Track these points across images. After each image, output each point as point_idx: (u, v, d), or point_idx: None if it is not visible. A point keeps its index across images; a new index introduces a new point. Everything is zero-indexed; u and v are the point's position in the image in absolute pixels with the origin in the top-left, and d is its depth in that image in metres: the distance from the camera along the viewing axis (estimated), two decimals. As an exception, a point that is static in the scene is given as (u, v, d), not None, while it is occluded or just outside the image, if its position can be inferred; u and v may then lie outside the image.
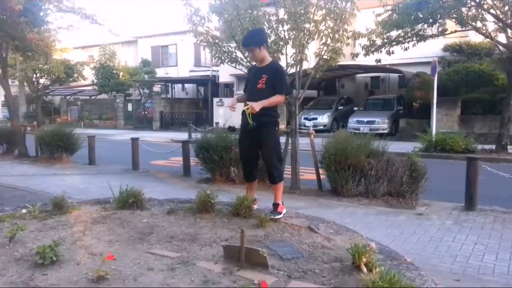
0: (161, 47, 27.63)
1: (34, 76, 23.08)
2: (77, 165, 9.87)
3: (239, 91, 22.53)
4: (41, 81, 23.81)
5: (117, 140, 17.60)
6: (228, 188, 6.80)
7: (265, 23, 6.31)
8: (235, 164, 6.97)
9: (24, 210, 3.74)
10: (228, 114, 19.44)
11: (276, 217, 3.66)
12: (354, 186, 6.03)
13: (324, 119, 18.45)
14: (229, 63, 6.78)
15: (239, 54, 6.66)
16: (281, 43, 6.62)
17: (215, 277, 2.42)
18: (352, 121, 17.08)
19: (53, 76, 22.47)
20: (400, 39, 12.56)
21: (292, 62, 6.70)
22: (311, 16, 6.40)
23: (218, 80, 21.52)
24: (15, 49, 9.03)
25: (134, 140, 9.17)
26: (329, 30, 6.59)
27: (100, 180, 7.64)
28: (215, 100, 20.41)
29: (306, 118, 18.64)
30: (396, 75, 20.57)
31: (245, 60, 6.64)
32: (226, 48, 6.57)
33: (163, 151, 10.01)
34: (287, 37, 6.52)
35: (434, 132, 12.00)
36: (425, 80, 15.71)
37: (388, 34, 12.54)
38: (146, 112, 23.37)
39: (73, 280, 2.42)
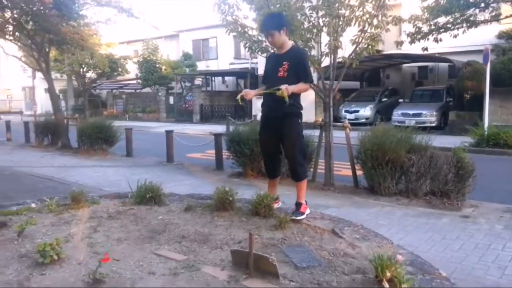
0: (202, 41, 27.77)
1: (81, 70, 23.96)
2: (115, 157, 10.00)
3: (279, 83, 22.18)
4: (88, 75, 24.69)
5: (157, 133, 17.82)
6: (259, 183, 6.55)
7: (297, 9, 5.95)
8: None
9: (33, 204, 3.67)
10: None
11: (298, 218, 3.37)
12: (393, 184, 5.58)
13: (366, 111, 17.72)
14: (259, 53, 6.49)
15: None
16: (315, 30, 6.24)
17: (219, 286, 2.18)
18: (396, 114, 16.25)
19: (99, 70, 23.16)
20: (448, 25, 11.73)
21: (327, 50, 6.29)
22: (347, 1, 5.99)
23: (257, 72, 21.26)
24: (50, 43, 9.25)
25: (169, 133, 9.13)
26: (367, 16, 6.14)
27: (133, 173, 7.64)
28: (254, 92, 20.19)
29: (347, 111, 18.02)
30: (445, 64, 19.38)
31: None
32: (256, 37, 6.28)
33: (200, 143, 9.93)
34: (321, 24, 6.14)
35: (486, 125, 11.09)
36: (477, 70, 14.59)
37: (436, 21, 11.74)
38: (187, 105, 23.59)
39: (69, 281, 2.27)
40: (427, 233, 4.16)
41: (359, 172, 6.16)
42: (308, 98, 16.55)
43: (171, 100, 24.62)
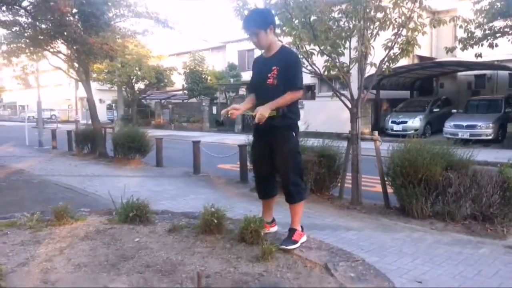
0: (247, 51, 27.72)
1: (131, 81, 24.76)
2: (146, 166, 9.94)
3: (321, 93, 21.47)
4: (137, 86, 25.47)
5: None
6: (280, 198, 6.04)
7: (321, 12, 5.47)
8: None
9: (22, 218, 3.44)
10: (308, 117, 18.59)
11: (288, 247, 2.86)
12: (426, 205, 4.89)
13: (415, 122, 16.58)
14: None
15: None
16: (344, 34, 5.72)
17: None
18: (448, 125, 15.02)
19: (146, 81, 23.78)
20: (506, 29, 10.59)
21: (356, 56, 5.72)
22: (379, 3, 5.43)
23: (299, 81, 20.72)
24: (78, 53, 9.42)
25: (195, 144, 8.91)
26: (402, 18, 5.52)
27: (155, 184, 7.47)
28: (295, 102, 19.65)
29: (394, 122, 17.00)
30: (505, 72, 17.79)
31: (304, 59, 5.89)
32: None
33: (231, 153, 9.61)
34: (351, 28, 5.59)
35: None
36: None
37: (491, 24, 10.66)
38: (229, 115, 23.44)
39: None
40: (458, 266, 3.49)
41: (390, 190, 5.51)
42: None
43: (214, 110, 24.71)
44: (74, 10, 8.10)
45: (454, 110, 16.82)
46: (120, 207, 3.54)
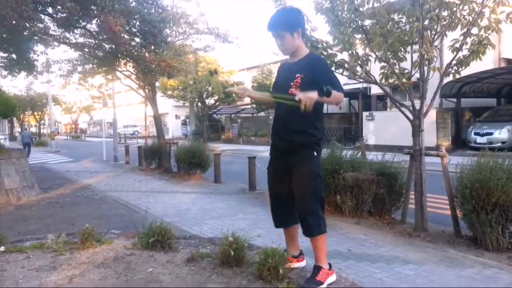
0: (316, 62, 27.28)
1: (202, 97, 25.53)
2: (205, 182, 9.93)
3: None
4: (207, 101, 26.19)
5: (261, 157, 17.68)
6: (335, 220, 5.57)
7: (371, 15, 4.96)
8: (342, 192, 5.68)
9: (49, 240, 3.39)
10: (379, 129, 17.54)
11: (311, 288, 2.42)
12: (503, 236, 4.09)
13: (502, 134, 14.84)
14: (333, 69, 5.59)
15: (344, 56, 5.44)
16: (406, 37, 5.12)
17: None
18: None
19: (216, 97, 24.34)
20: None
21: (418, 60, 5.09)
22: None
23: (369, 92, 19.76)
24: (137, 70, 9.74)
25: (251, 160, 8.66)
26: (472, 15, 4.81)
27: (207, 201, 7.33)
28: (365, 114, 18.70)
29: (477, 133, 15.40)
30: None
31: (355, 65, 5.40)
32: (326, 51, 5.39)
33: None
34: (414, 31, 4.97)
35: None
36: None
37: None
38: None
39: None
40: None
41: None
42: (428, 118, 14.67)
43: (283, 123, 24.43)
44: (134, 30, 8.43)
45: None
46: (142, 231, 3.35)
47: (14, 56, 9.77)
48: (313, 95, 2.43)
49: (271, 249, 2.60)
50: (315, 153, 2.76)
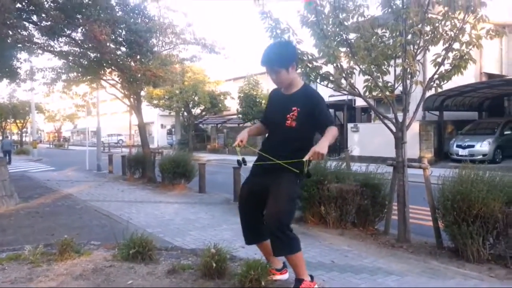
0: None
1: (188, 106, 25.45)
2: (189, 192, 9.84)
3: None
4: (193, 111, 26.11)
5: (247, 168, 17.60)
6: (319, 232, 5.57)
7: (355, 29, 5.03)
8: (326, 203, 5.69)
9: (26, 251, 3.31)
10: (364, 141, 17.72)
11: (292, 301, 2.40)
12: (484, 247, 4.14)
13: (483, 146, 15.15)
14: (318, 81, 5.64)
15: (329, 69, 5.49)
16: (389, 51, 5.19)
17: None
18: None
19: (202, 106, 24.30)
20: None
21: (401, 74, 5.17)
22: (425, 15, 4.90)
23: (354, 104, 19.98)
24: (121, 78, 9.70)
25: (236, 170, 8.62)
26: (454, 31, 4.93)
27: (191, 211, 7.27)
28: (349, 125, 18.89)
29: (459, 146, 15.69)
30: None
31: (339, 77, 5.45)
32: (311, 64, 5.44)
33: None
34: (397, 46, 5.05)
35: None
36: None
37: None
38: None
39: None
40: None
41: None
42: (411, 130, 14.91)
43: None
44: (120, 39, 8.39)
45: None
46: (123, 243, 3.29)
47: (-4, 63, 9.61)
48: (325, 150, 2.55)
49: (253, 261, 2.58)
50: (298, 181, 2.81)
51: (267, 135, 3.00)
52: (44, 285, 2.74)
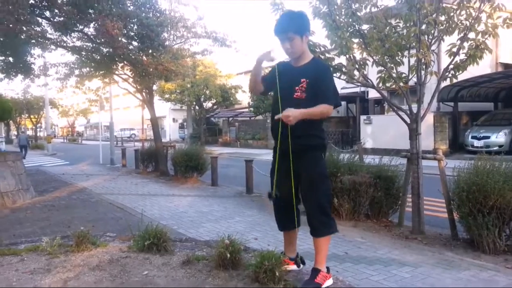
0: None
1: (200, 100, 25.53)
2: (202, 185, 9.89)
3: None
4: (205, 105, 26.18)
5: (259, 160, 17.65)
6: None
7: (369, 19, 4.97)
8: (339, 195, 5.67)
9: (43, 243, 3.36)
10: (377, 133, 17.57)
11: (309, 292, 2.41)
12: (500, 238, 4.09)
13: (499, 137, 14.91)
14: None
15: (342, 60, 5.44)
16: (403, 42, 5.12)
17: None
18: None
19: (213, 100, 24.34)
20: None
21: (415, 64, 5.10)
22: (440, 4, 4.82)
23: (367, 96, 19.80)
24: (133, 73, 9.76)
25: (248, 163, 8.65)
26: (469, 20, 4.83)
27: (204, 204, 7.30)
28: (362, 118, 18.74)
29: (474, 137, 15.46)
30: None
31: (352, 69, 5.39)
32: (324, 55, 5.39)
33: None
34: (411, 36, 4.97)
35: None
36: None
37: None
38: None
39: None
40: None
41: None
42: (426, 122, 14.73)
43: (280, 127, 24.45)
44: (131, 33, 8.44)
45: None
46: (138, 234, 3.33)
47: (11, 59, 9.74)
48: (297, 117, 2.53)
49: (267, 252, 2.59)
50: (323, 155, 2.79)
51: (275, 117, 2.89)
52: (62, 276, 2.79)
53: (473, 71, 6.79)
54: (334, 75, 5.62)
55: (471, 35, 4.86)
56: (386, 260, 4.11)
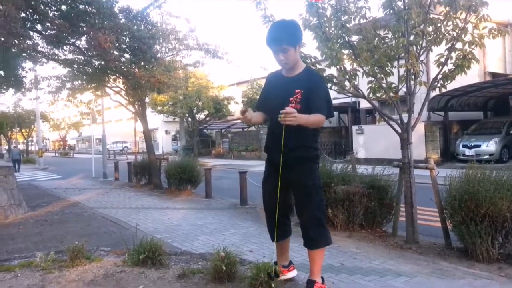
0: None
1: (192, 112, 25.54)
2: (195, 198, 9.86)
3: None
4: (197, 116, 26.19)
5: (252, 172, 17.64)
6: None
7: (358, 31, 5.06)
8: (333, 205, 5.69)
9: (37, 258, 3.33)
10: (369, 143, 17.70)
11: (303, 304, 2.42)
12: (493, 246, 4.13)
13: (490, 146, 15.09)
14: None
15: (333, 71, 5.51)
16: (392, 52, 5.21)
17: None
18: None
19: (206, 112, 24.38)
20: None
21: (404, 75, 5.18)
22: (427, 15, 4.92)
23: (358, 106, 19.98)
24: (126, 86, 9.79)
25: (242, 174, 8.66)
26: (456, 31, 4.94)
27: (198, 217, 7.27)
28: (354, 128, 18.89)
29: (465, 146, 15.63)
30: None
31: (343, 79, 5.47)
32: (315, 66, 5.46)
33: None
34: (400, 46, 5.07)
35: None
36: None
37: None
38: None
39: None
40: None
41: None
42: (417, 131, 14.86)
43: (273, 138, 24.53)
44: (123, 46, 8.47)
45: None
46: (133, 248, 3.32)
47: (2, 73, 9.71)
48: (298, 120, 2.46)
49: (263, 264, 2.59)
50: (317, 166, 2.81)
51: (270, 124, 2.90)
52: (55, 292, 2.77)
53: (462, 81, 6.92)
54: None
55: (459, 45, 4.96)
56: (382, 270, 4.12)
